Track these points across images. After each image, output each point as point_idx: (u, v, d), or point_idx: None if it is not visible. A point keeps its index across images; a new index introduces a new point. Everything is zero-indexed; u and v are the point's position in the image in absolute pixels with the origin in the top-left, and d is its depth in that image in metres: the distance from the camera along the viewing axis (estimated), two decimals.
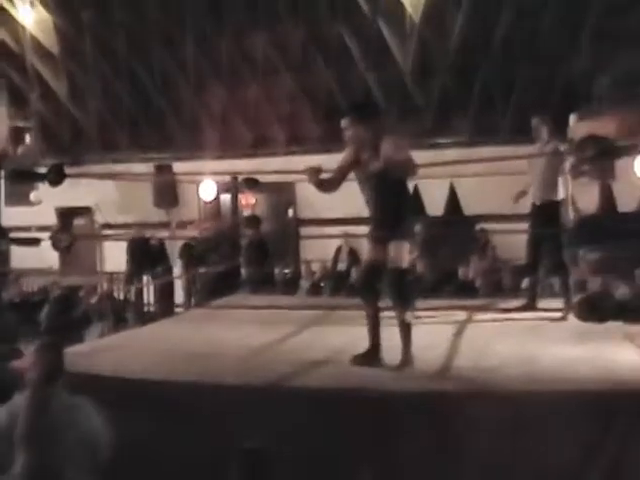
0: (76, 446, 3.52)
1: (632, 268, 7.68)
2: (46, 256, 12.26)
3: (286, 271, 12.18)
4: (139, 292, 11.01)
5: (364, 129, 4.99)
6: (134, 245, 12.00)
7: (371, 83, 11.96)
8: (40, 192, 13.11)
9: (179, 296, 11.48)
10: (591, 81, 10.56)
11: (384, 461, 4.17)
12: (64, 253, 11.13)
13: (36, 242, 10.18)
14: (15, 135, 13.94)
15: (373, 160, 4.93)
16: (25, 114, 14.11)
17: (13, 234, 10.06)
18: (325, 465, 4.21)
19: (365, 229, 5.27)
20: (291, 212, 13.15)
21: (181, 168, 12.27)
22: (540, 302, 6.99)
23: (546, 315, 6.60)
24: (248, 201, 12.74)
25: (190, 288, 11.25)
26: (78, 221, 13.96)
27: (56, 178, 7.11)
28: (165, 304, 10.92)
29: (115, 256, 12.57)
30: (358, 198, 5.17)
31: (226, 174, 10.54)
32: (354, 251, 11.59)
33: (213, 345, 5.82)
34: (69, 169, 7.75)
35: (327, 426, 4.23)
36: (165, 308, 10.57)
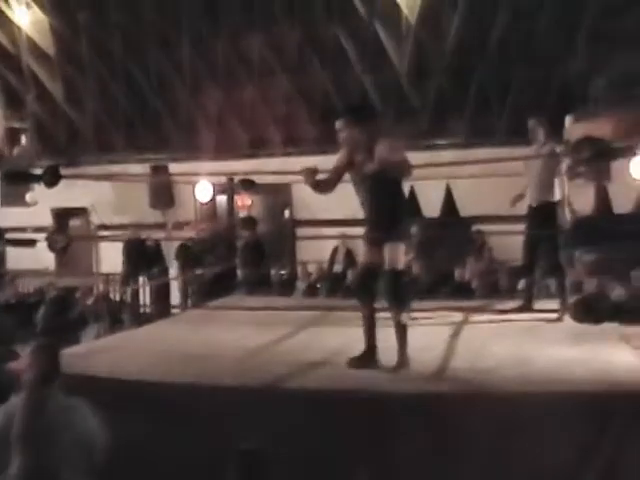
0: (72, 447, 3.52)
1: (628, 269, 7.69)
2: (42, 257, 12.29)
3: (282, 272, 12.15)
4: (135, 293, 11.00)
5: (359, 131, 4.98)
6: (130, 246, 11.97)
7: (367, 84, 11.95)
8: (36, 193, 13.12)
9: (175, 297, 11.44)
10: (587, 83, 10.56)
11: (380, 462, 4.17)
12: (60, 254, 11.15)
13: (32, 243, 10.19)
14: (11, 136, 13.96)
15: (367, 162, 4.92)
16: (21, 115, 14.10)
17: (9, 235, 10.06)
18: (322, 466, 4.22)
19: (361, 230, 5.26)
20: (287, 213, 13.14)
21: (177, 169, 12.24)
22: (536, 303, 7.00)
23: (542, 316, 6.60)
24: (244, 202, 12.73)
25: (186, 289, 11.23)
26: (74, 222, 13.97)
27: (52, 179, 7.08)
28: (161, 305, 10.90)
29: (111, 257, 12.56)
30: (354, 199, 5.17)
31: (222, 175, 10.52)
32: (350, 252, 11.57)
33: (209, 346, 5.81)
34: (65, 170, 7.72)
35: (323, 427, 4.23)
36: (161, 309, 10.55)
